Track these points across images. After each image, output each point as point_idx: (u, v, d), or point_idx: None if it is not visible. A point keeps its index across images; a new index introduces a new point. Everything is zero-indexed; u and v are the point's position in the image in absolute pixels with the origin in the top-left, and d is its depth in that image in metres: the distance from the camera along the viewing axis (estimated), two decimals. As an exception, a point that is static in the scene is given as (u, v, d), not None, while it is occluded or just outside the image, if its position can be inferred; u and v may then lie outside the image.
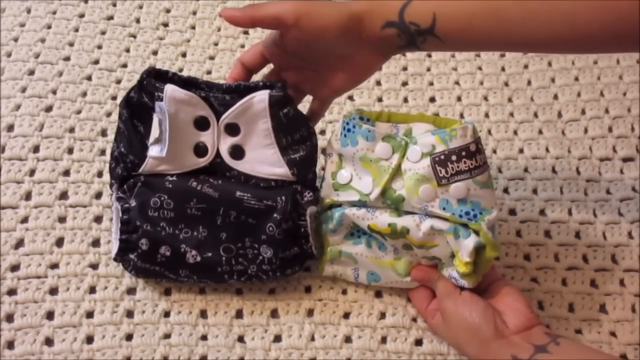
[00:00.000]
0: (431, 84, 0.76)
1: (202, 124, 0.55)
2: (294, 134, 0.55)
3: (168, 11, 0.79)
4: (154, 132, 0.54)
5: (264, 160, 0.55)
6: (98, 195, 0.63)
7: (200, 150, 0.55)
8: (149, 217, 0.54)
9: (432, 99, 0.75)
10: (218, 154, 0.55)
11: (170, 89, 0.53)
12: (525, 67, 0.78)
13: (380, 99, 0.74)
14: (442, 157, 0.52)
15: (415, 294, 0.58)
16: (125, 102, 0.55)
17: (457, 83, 0.76)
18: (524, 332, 0.51)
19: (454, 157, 0.52)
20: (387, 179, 0.53)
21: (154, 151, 0.54)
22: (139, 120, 0.55)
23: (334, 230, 0.57)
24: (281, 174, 0.55)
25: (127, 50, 0.75)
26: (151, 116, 0.54)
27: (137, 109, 0.55)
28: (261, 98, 0.54)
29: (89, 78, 0.72)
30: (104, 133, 0.68)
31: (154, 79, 0.54)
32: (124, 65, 0.73)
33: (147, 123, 0.54)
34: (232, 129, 0.55)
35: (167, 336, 0.56)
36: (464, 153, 0.52)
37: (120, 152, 0.56)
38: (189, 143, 0.55)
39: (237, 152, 0.55)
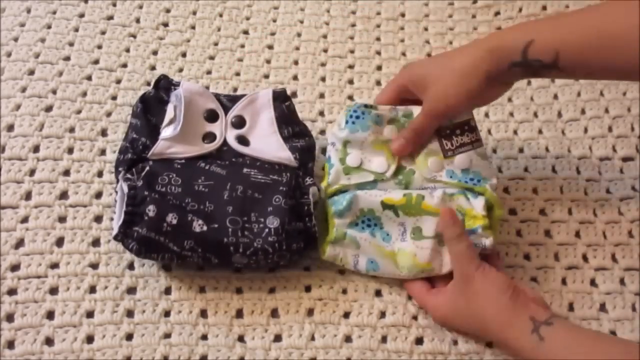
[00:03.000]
0: (431, 83, 0.76)
1: (211, 116, 0.61)
2: (295, 126, 0.62)
3: (168, 11, 0.79)
4: (169, 114, 0.60)
5: (268, 146, 0.60)
6: (98, 195, 0.63)
7: (208, 138, 0.60)
8: (157, 190, 0.56)
9: (432, 99, 0.75)
10: (225, 143, 0.60)
11: (186, 83, 0.63)
12: (525, 66, 0.78)
13: (380, 99, 0.74)
14: (448, 131, 0.58)
15: (412, 284, 0.58)
16: (140, 99, 0.62)
17: (457, 83, 0.76)
18: (539, 304, 0.54)
19: (458, 131, 0.58)
20: (398, 158, 0.59)
21: (167, 132, 0.59)
22: (151, 114, 0.61)
23: (342, 213, 0.58)
24: (285, 158, 0.60)
25: (127, 50, 0.75)
26: (164, 110, 0.61)
27: (151, 103, 0.61)
28: (265, 92, 0.63)
29: (89, 78, 0.72)
30: (104, 133, 0.68)
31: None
32: (124, 65, 0.73)
33: (159, 115, 0.61)
34: (239, 122, 0.62)
35: (167, 336, 0.56)
36: (466, 127, 0.58)
37: (131, 139, 0.59)
38: (198, 132, 0.61)
39: (243, 141, 0.61)
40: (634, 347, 0.49)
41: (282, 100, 0.63)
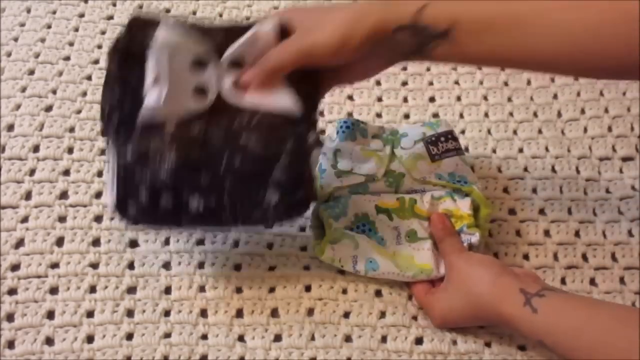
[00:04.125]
0: (431, 83, 0.76)
1: (200, 63, 0.52)
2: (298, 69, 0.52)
3: (168, 11, 0.79)
4: (151, 71, 0.51)
5: (269, 91, 0.52)
6: (98, 195, 0.63)
7: (199, 92, 0.52)
8: (149, 166, 0.50)
9: (432, 99, 0.75)
10: (219, 97, 0.52)
11: (163, 28, 0.50)
12: (525, 66, 0.78)
13: (380, 99, 0.74)
14: (434, 138, 0.62)
15: (414, 285, 0.59)
16: (113, 51, 0.52)
17: (456, 83, 0.76)
18: (530, 277, 0.54)
19: (442, 139, 0.62)
20: (387, 161, 0.61)
21: (152, 97, 0.50)
22: (129, 71, 0.52)
23: (337, 217, 0.58)
24: (286, 108, 0.52)
25: (127, 50, 0.75)
26: (143, 68, 0.51)
27: (126, 59, 0.52)
28: (268, 28, 0.52)
29: (89, 78, 0.72)
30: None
31: (143, 28, 0.51)
32: (124, 65, 0.73)
33: (138, 76, 0.51)
34: (237, 65, 0.52)
35: (167, 335, 0.56)
36: (449, 136, 0.62)
37: (112, 104, 0.52)
38: (187, 87, 0.52)
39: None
40: (630, 310, 0.49)
41: (286, 36, 0.52)
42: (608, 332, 0.46)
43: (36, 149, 0.65)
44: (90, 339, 0.55)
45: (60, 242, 0.60)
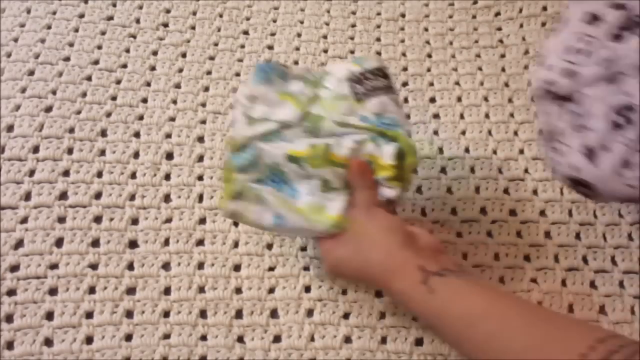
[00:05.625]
0: (431, 84, 0.76)
1: None
2: None
3: (168, 11, 0.79)
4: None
5: None
6: (98, 196, 0.63)
7: None
8: None
9: (432, 100, 0.75)
10: None
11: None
12: (526, 67, 0.78)
13: (380, 100, 0.74)
14: (359, 75, 0.54)
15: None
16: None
17: (457, 84, 0.76)
18: (435, 252, 0.50)
19: (370, 75, 0.54)
20: (305, 104, 0.54)
21: None
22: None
23: (245, 169, 0.53)
24: None
25: (127, 51, 0.75)
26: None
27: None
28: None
29: (89, 78, 0.72)
30: (103, 133, 0.68)
31: None
32: (124, 66, 0.73)
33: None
34: None
35: (166, 336, 0.56)
36: (378, 72, 0.55)
37: None
38: None
39: None
40: (532, 305, 0.46)
41: None
42: (506, 323, 0.42)
43: (36, 149, 0.65)
44: (89, 339, 0.55)
45: (59, 242, 0.60)
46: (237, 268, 0.60)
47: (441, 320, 0.45)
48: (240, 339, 0.57)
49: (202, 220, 0.63)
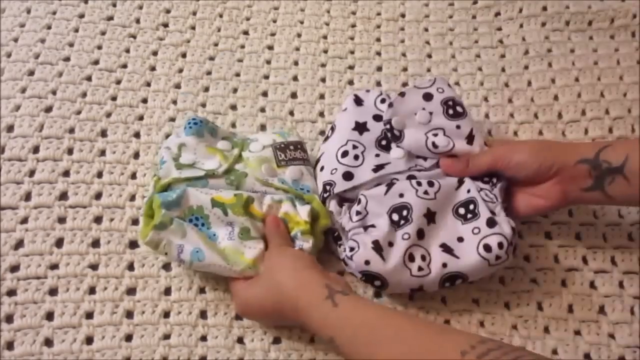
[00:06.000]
0: (431, 84, 0.76)
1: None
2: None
3: (168, 11, 0.79)
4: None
5: None
6: (98, 196, 0.63)
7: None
8: None
9: (432, 100, 0.75)
10: None
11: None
12: (526, 67, 0.78)
13: (380, 100, 0.74)
14: (282, 145, 0.62)
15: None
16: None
17: (457, 84, 0.76)
18: (340, 280, 0.56)
19: (291, 147, 0.62)
20: (232, 160, 0.60)
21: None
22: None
23: (169, 205, 0.56)
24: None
25: (127, 51, 0.75)
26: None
27: None
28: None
29: (89, 78, 0.72)
30: (103, 133, 0.68)
31: None
32: (124, 66, 0.73)
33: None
34: None
35: (166, 337, 0.56)
36: (299, 146, 0.63)
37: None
38: None
39: None
40: (418, 317, 0.55)
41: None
42: (401, 329, 0.47)
43: (36, 149, 0.65)
44: (89, 340, 0.55)
45: (59, 243, 0.60)
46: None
47: (343, 330, 0.49)
48: (240, 340, 0.57)
49: (202, 221, 0.63)
